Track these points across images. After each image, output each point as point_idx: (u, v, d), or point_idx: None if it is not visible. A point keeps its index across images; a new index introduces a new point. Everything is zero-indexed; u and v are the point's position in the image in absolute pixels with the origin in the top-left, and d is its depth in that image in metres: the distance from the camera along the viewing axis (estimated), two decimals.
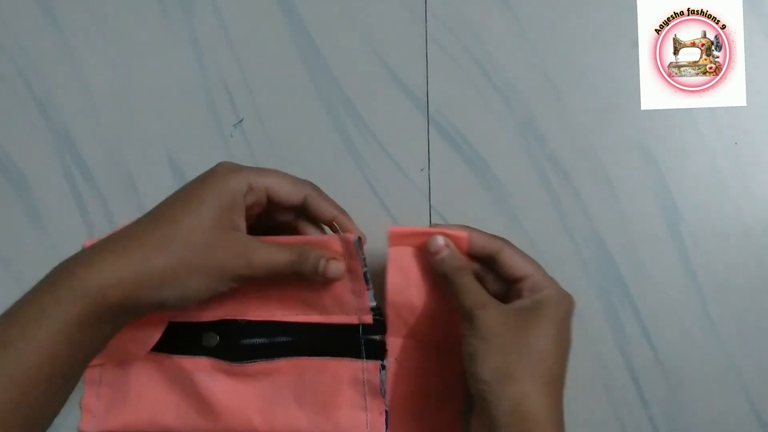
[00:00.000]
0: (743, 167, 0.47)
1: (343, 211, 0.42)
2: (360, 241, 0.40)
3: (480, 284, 0.40)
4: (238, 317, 0.44)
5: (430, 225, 0.45)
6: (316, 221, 0.43)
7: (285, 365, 0.44)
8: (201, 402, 0.44)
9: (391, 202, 0.48)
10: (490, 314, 0.38)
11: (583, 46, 0.48)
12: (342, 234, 0.41)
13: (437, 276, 0.41)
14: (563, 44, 0.48)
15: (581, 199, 0.47)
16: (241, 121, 0.48)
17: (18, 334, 0.34)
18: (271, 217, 0.42)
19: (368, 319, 0.42)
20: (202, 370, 0.44)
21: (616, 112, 0.47)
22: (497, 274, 0.41)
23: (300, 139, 0.48)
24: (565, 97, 0.48)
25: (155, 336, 0.44)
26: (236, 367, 0.44)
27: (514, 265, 0.40)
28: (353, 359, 0.43)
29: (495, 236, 0.41)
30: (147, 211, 0.47)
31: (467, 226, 0.41)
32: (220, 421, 0.44)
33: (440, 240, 0.40)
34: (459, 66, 0.48)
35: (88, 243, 0.47)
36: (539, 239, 0.47)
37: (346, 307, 0.43)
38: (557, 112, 0.48)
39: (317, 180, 0.43)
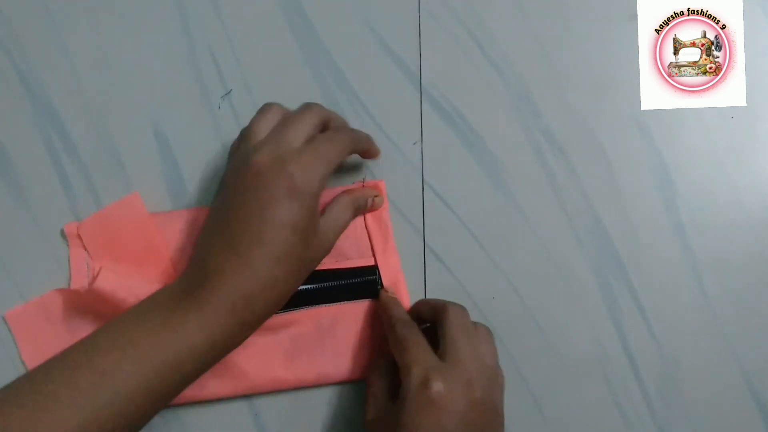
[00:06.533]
0: (740, 143, 0.46)
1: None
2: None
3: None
4: None
5: (423, 210, 0.46)
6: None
7: (302, 315, 0.45)
8: (223, 365, 0.43)
9: (383, 177, 0.47)
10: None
11: (581, 26, 0.47)
12: (370, 181, 0.46)
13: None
14: (559, 16, 0.47)
15: (577, 175, 0.46)
16: (229, 92, 0.47)
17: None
18: None
19: None
20: None
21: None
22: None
23: None
24: (561, 70, 0.47)
25: None
26: None
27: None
28: (373, 300, 0.45)
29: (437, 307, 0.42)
30: (131, 184, 0.46)
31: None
32: (246, 378, 0.44)
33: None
34: (452, 37, 0.47)
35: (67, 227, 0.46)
36: (534, 215, 0.46)
37: (365, 250, 0.45)
38: (553, 85, 0.47)
39: None
